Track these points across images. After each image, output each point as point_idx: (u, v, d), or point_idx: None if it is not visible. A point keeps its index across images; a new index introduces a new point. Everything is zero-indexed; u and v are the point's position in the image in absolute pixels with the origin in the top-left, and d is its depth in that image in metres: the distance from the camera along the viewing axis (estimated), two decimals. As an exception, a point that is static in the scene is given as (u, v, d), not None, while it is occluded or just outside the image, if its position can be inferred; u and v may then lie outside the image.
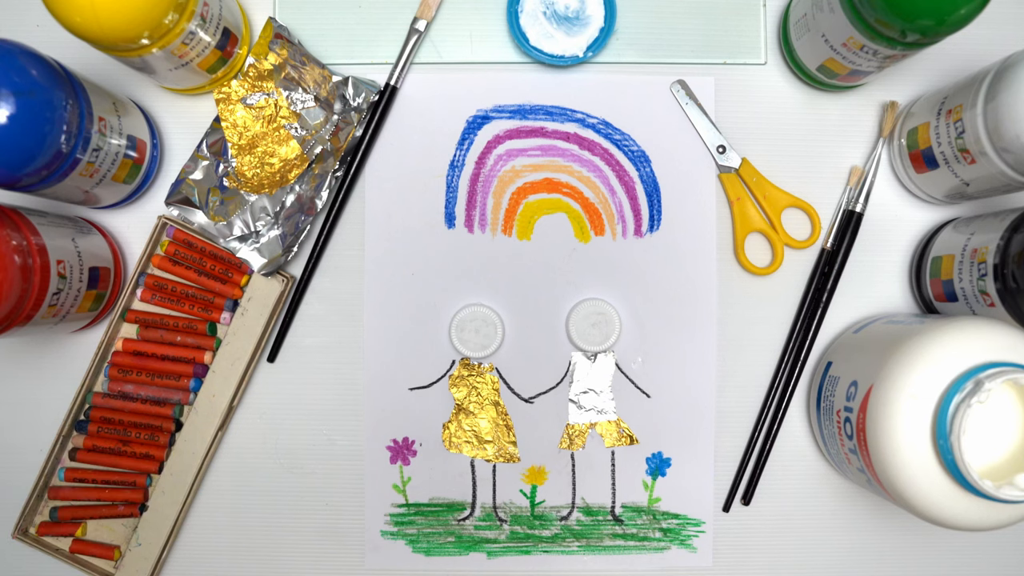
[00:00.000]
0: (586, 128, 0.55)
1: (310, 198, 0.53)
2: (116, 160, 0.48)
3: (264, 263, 0.53)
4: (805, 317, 0.54)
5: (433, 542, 0.54)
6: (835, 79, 0.51)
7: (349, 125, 0.53)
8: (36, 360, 0.54)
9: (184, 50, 0.46)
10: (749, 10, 0.55)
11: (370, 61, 0.55)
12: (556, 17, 0.53)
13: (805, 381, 0.55)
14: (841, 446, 0.49)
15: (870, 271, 0.54)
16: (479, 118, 0.55)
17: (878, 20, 0.43)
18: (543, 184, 0.55)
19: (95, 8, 0.41)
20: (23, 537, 0.52)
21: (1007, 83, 0.43)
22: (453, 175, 0.55)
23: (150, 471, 0.53)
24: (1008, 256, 0.44)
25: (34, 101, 0.41)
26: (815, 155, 0.55)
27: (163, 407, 0.53)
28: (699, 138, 0.54)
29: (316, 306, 0.54)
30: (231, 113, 0.52)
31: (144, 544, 0.52)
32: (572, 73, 0.55)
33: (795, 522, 0.55)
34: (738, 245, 0.54)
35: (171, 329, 0.53)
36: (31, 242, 0.44)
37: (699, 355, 0.54)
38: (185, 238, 0.53)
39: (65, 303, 0.47)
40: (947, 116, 0.47)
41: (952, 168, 0.48)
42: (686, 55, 0.55)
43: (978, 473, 0.40)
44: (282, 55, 0.52)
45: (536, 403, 0.54)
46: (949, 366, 0.42)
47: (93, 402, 0.52)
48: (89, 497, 0.52)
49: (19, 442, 0.54)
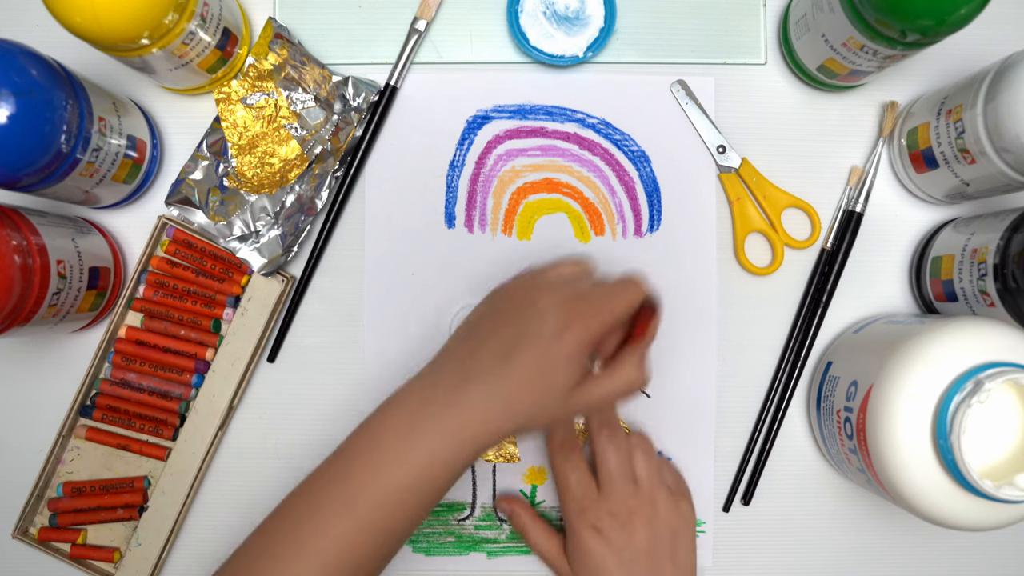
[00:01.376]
0: (586, 128, 0.55)
1: (310, 198, 0.53)
2: (116, 160, 0.48)
3: (264, 263, 0.53)
4: (805, 317, 0.54)
5: (433, 542, 0.54)
6: (835, 79, 0.51)
7: (349, 125, 0.53)
8: (36, 360, 0.54)
9: (184, 50, 0.46)
10: (749, 10, 0.55)
11: (370, 61, 0.55)
12: (556, 17, 0.53)
13: (805, 381, 0.55)
14: (841, 446, 0.49)
15: (870, 271, 0.54)
16: (479, 118, 0.55)
17: (878, 20, 0.43)
18: (543, 184, 0.55)
19: (95, 8, 0.41)
20: (23, 537, 0.52)
21: (1007, 83, 0.43)
22: (453, 175, 0.55)
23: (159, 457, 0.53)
24: (1008, 256, 0.44)
25: (34, 101, 0.41)
26: (815, 155, 0.55)
27: (168, 400, 0.53)
28: (699, 138, 0.54)
29: (316, 306, 0.54)
30: (231, 113, 0.52)
31: (144, 544, 0.52)
32: (572, 73, 0.55)
33: (795, 522, 0.55)
34: (738, 245, 0.54)
35: (175, 322, 0.53)
36: (31, 242, 0.44)
37: (699, 355, 0.54)
38: (185, 238, 0.53)
39: (65, 303, 0.47)
40: (947, 116, 0.47)
41: (952, 168, 0.48)
42: (686, 55, 0.55)
43: (978, 473, 0.40)
44: (282, 55, 0.52)
45: (536, 403, 0.54)
46: (949, 366, 0.42)
47: (100, 388, 0.53)
48: (88, 505, 0.52)
49: (19, 442, 0.54)
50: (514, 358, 0.40)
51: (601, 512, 0.48)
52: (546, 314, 0.41)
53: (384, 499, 0.40)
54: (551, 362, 0.40)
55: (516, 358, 0.40)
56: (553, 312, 0.41)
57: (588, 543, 0.48)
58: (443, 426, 0.40)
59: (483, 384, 0.40)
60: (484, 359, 0.41)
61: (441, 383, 0.42)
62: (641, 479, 0.50)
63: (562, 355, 0.40)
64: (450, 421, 0.40)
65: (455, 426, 0.40)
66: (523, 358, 0.40)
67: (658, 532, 0.48)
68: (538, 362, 0.40)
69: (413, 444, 0.40)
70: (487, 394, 0.40)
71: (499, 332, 0.42)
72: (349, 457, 0.41)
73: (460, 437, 0.40)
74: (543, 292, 0.42)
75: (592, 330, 0.41)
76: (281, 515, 0.42)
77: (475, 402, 0.40)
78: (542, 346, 0.40)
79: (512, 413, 0.40)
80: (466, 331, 0.44)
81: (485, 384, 0.40)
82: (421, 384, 0.42)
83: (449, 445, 0.40)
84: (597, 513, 0.49)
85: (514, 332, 0.41)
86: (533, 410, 0.41)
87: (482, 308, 0.45)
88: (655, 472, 0.50)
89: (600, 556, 0.48)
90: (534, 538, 0.52)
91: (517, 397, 0.40)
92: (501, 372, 0.40)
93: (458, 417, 0.40)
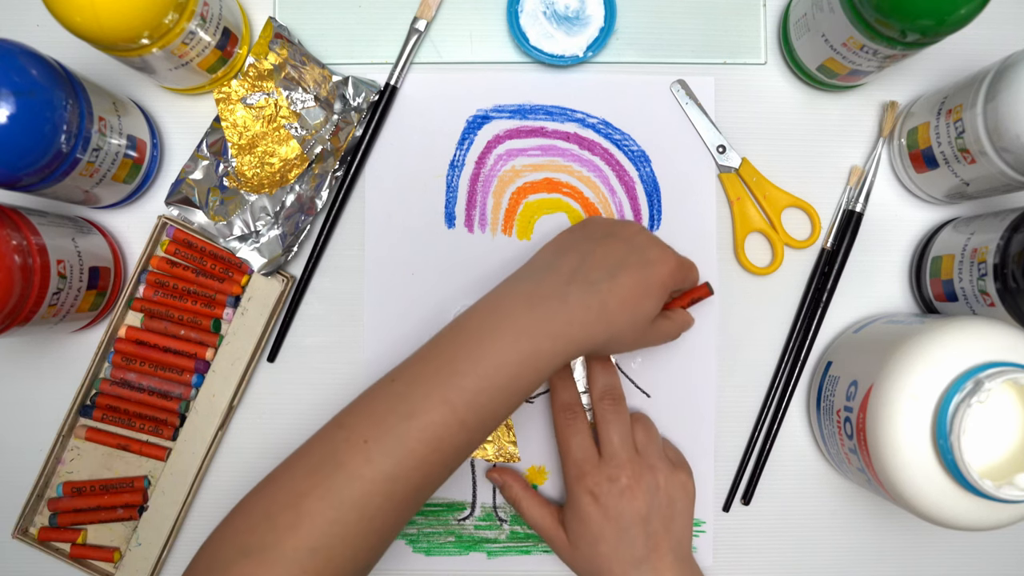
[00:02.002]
0: (586, 128, 0.55)
1: (310, 198, 0.53)
2: (116, 160, 0.48)
3: (264, 263, 0.53)
4: (805, 317, 0.54)
5: (433, 542, 0.54)
6: (835, 79, 0.51)
7: (349, 125, 0.53)
8: (36, 360, 0.54)
9: (184, 50, 0.46)
10: (749, 10, 0.55)
11: (370, 61, 0.55)
12: (556, 17, 0.53)
13: (805, 381, 0.55)
14: (841, 446, 0.49)
15: (870, 271, 0.54)
16: (479, 118, 0.55)
17: (878, 20, 0.43)
18: (543, 184, 0.55)
19: (95, 8, 0.41)
20: (23, 537, 0.52)
21: (1007, 83, 0.43)
22: (453, 175, 0.55)
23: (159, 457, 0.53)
24: (1008, 256, 0.44)
25: (34, 101, 0.41)
26: (815, 155, 0.55)
27: (169, 400, 0.53)
28: (699, 138, 0.54)
29: (316, 306, 0.54)
30: (231, 113, 0.52)
31: (144, 544, 0.52)
32: (572, 73, 0.55)
33: (795, 522, 0.55)
34: (738, 245, 0.54)
35: (175, 322, 0.53)
36: (31, 242, 0.44)
37: (699, 355, 0.54)
38: (185, 238, 0.53)
39: (65, 303, 0.47)
40: (947, 116, 0.47)
41: (952, 168, 0.48)
42: (686, 55, 0.55)
43: (978, 473, 0.40)
44: (282, 55, 0.52)
45: (536, 403, 0.54)
46: (949, 366, 0.42)
47: (100, 388, 0.53)
48: (88, 504, 0.52)
49: (19, 442, 0.54)
50: (618, 276, 0.44)
51: (600, 478, 0.48)
52: (649, 247, 0.46)
53: (483, 385, 0.41)
54: (647, 286, 0.45)
55: (620, 276, 0.44)
56: (654, 246, 0.46)
57: (586, 509, 0.48)
58: (552, 320, 0.43)
59: (587, 292, 0.43)
60: (589, 272, 0.44)
61: (547, 283, 0.44)
62: (642, 448, 0.50)
63: (656, 282, 0.45)
64: (557, 318, 0.43)
65: (560, 324, 0.43)
66: (626, 277, 0.44)
67: (656, 501, 0.48)
68: (638, 283, 0.44)
69: (523, 333, 0.42)
70: (590, 302, 0.43)
71: (600, 252, 0.45)
72: (450, 343, 0.43)
73: (566, 333, 0.43)
74: (642, 231, 0.48)
75: (681, 272, 0.47)
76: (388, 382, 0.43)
77: (579, 305, 0.43)
78: (644, 271, 0.45)
79: (609, 324, 0.43)
80: (558, 248, 0.47)
81: (589, 293, 0.43)
82: (521, 284, 0.45)
83: (555, 341, 0.42)
84: (596, 478, 0.48)
85: (618, 254, 0.45)
86: (625, 328, 0.44)
87: (575, 233, 0.48)
88: (656, 443, 0.50)
89: (597, 524, 0.48)
90: (527, 508, 0.51)
91: (617, 310, 0.44)
92: (606, 286, 0.44)
93: (566, 314, 0.43)
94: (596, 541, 0.48)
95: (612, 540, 0.47)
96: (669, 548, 0.48)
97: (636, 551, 0.47)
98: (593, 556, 0.48)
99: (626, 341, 0.45)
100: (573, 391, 0.52)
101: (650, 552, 0.47)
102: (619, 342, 0.45)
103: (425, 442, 0.40)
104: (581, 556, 0.48)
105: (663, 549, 0.48)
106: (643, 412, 0.53)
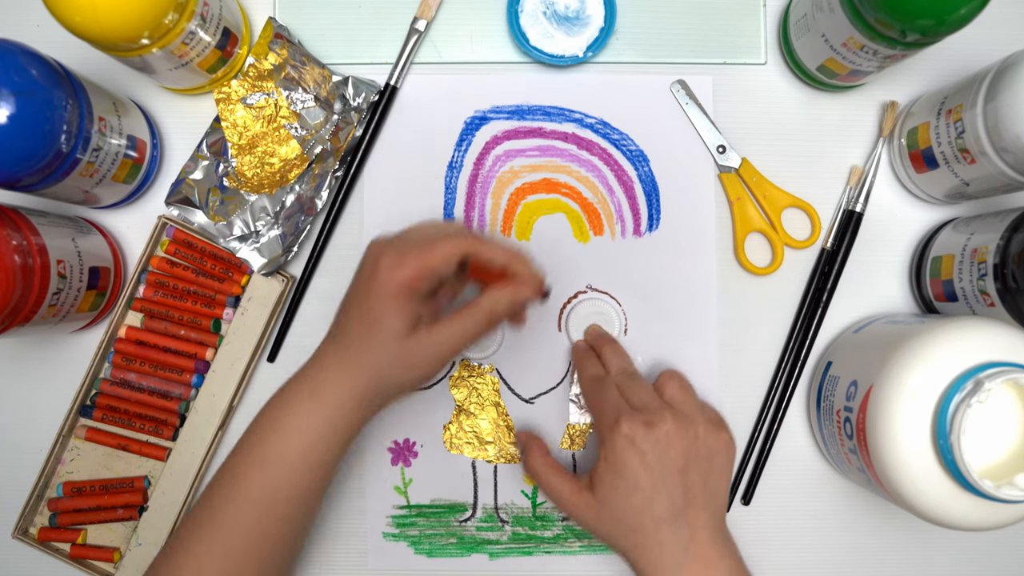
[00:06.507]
0: (584, 128, 0.55)
1: (310, 198, 0.53)
2: (116, 160, 0.48)
3: (264, 263, 0.53)
4: (805, 317, 0.54)
5: (435, 543, 0.54)
6: (835, 79, 0.51)
7: (349, 125, 0.53)
8: (36, 360, 0.54)
9: (184, 50, 0.46)
10: (749, 10, 0.55)
11: (370, 61, 0.55)
12: (556, 17, 0.53)
13: (805, 381, 0.55)
14: (841, 446, 0.49)
15: (870, 271, 0.54)
16: (477, 119, 0.55)
17: (878, 20, 0.43)
18: (541, 184, 0.55)
19: (95, 8, 0.41)
20: (23, 537, 0.52)
21: (1007, 83, 0.43)
22: (452, 176, 0.55)
23: (159, 457, 0.53)
24: (1008, 256, 0.44)
25: (34, 101, 0.41)
26: (815, 155, 0.55)
27: (168, 400, 0.53)
28: (699, 138, 0.54)
29: (316, 306, 0.54)
30: (231, 113, 0.52)
31: (144, 544, 0.52)
32: (571, 73, 0.55)
33: (795, 522, 0.55)
34: (738, 245, 0.54)
35: (175, 322, 0.53)
36: (31, 242, 0.44)
37: (699, 355, 0.54)
38: (185, 238, 0.53)
39: (65, 303, 0.47)
40: (947, 116, 0.47)
41: (952, 168, 0.48)
42: (685, 55, 0.55)
43: (978, 473, 0.40)
44: (282, 55, 0.52)
45: (536, 403, 0.54)
46: (949, 366, 0.42)
47: (100, 388, 0.53)
48: (88, 505, 0.52)
49: (19, 442, 0.54)
50: (344, 314, 0.43)
51: (636, 423, 0.44)
52: (366, 260, 0.43)
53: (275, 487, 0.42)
54: (375, 303, 0.41)
55: (345, 313, 0.43)
56: (372, 256, 0.43)
57: (622, 456, 0.43)
58: (304, 424, 0.42)
59: (332, 362, 0.43)
60: (329, 336, 0.44)
61: (307, 377, 0.44)
62: (678, 402, 0.46)
63: (381, 294, 0.41)
64: (308, 417, 0.42)
65: (315, 421, 0.42)
66: (350, 310, 0.42)
67: (695, 451, 0.44)
68: (362, 308, 0.42)
69: (284, 440, 0.42)
70: (336, 374, 0.42)
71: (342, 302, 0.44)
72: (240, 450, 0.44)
73: (320, 432, 0.42)
74: (369, 245, 0.44)
75: (411, 268, 0.41)
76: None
77: (329, 388, 0.42)
78: (363, 288, 0.42)
79: (354, 379, 0.41)
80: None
81: (333, 360, 0.42)
82: (295, 381, 0.44)
83: (314, 442, 0.42)
84: (632, 424, 0.44)
85: (347, 293, 0.44)
86: (374, 367, 0.41)
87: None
88: (692, 397, 0.47)
89: (633, 471, 0.43)
90: (546, 476, 0.47)
91: (355, 359, 0.41)
92: (340, 339, 0.42)
93: (319, 413, 0.42)
94: (630, 491, 0.43)
95: (648, 490, 0.43)
96: (704, 505, 0.44)
97: (673, 503, 0.43)
98: (625, 509, 0.43)
99: (395, 378, 0.43)
100: (598, 367, 0.50)
101: (687, 506, 0.43)
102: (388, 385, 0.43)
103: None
104: (609, 514, 0.44)
105: (699, 505, 0.43)
106: (677, 369, 0.50)
